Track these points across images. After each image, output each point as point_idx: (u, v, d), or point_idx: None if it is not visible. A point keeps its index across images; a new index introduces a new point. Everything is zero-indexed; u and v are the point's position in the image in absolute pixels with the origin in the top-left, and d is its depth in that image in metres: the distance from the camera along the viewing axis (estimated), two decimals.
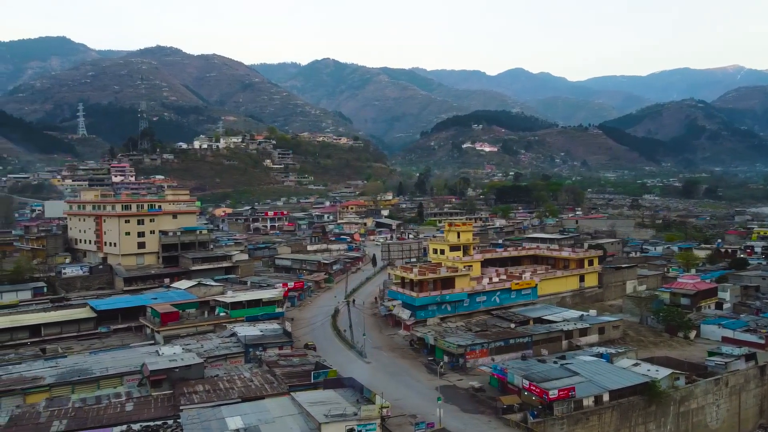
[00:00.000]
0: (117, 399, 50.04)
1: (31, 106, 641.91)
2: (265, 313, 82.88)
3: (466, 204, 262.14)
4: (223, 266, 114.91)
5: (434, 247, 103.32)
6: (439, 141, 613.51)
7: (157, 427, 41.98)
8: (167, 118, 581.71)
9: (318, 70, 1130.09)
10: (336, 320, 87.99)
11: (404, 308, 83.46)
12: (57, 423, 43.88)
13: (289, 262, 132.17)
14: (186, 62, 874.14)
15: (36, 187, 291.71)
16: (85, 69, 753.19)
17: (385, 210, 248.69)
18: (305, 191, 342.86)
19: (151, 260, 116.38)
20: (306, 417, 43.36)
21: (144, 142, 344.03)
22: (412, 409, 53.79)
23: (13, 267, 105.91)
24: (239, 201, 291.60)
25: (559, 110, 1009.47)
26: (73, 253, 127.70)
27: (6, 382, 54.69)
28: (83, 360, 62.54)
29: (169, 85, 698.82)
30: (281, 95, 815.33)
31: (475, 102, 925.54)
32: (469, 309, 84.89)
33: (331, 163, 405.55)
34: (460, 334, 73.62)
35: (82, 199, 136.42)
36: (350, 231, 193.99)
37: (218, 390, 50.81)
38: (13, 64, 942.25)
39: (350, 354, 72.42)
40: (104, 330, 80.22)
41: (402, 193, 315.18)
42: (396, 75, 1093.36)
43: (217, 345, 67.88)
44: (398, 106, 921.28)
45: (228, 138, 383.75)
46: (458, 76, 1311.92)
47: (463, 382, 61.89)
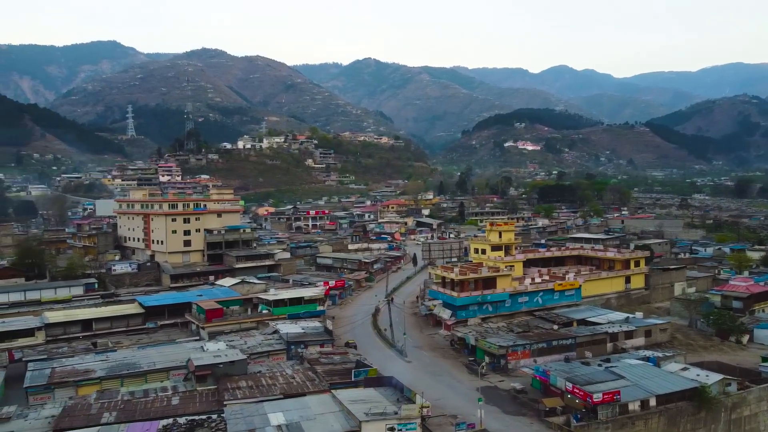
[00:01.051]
0: (163, 393, 51.33)
1: (83, 108, 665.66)
2: (306, 311, 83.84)
3: (508, 203, 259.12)
4: (266, 264, 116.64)
5: (475, 247, 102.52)
6: (480, 140, 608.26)
7: (202, 421, 42.85)
8: (212, 119, 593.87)
9: (359, 70, 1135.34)
10: (376, 319, 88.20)
11: (445, 308, 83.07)
12: (107, 415, 45.31)
13: (330, 261, 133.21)
14: (230, 64, 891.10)
15: (88, 186, 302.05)
16: (134, 72, 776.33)
17: (425, 209, 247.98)
18: (346, 190, 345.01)
19: (197, 258, 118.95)
20: (346, 415, 43.62)
21: (190, 142, 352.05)
22: (452, 410, 53.49)
23: (66, 264, 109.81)
24: (282, 200, 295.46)
25: (604, 108, 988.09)
26: (122, 250, 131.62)
27: (60, 374, 56.80)
28: (132, 354, 64.37)
29: (214, 86, 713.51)
30: (323, 95, 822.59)
31: (518, 100, 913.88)
32: (510, 309, 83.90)
33: (372, 163, 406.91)
34: (502, 334, 72.82)
35: (131, 198, 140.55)
36: (391, 230, 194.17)
37: (261, 386, 51.58)
38: (67, 68, 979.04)
39: (390, 353, 72.48)
40: (152, 325, 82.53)
41: (443, 193, 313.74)
42: (437, 74, 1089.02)
43: (259, 342, 68.94)
44: (439, 105, 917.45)
45: (271, 138, 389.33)
46: (500, 74, 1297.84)
47: (504, 383, 61.22)
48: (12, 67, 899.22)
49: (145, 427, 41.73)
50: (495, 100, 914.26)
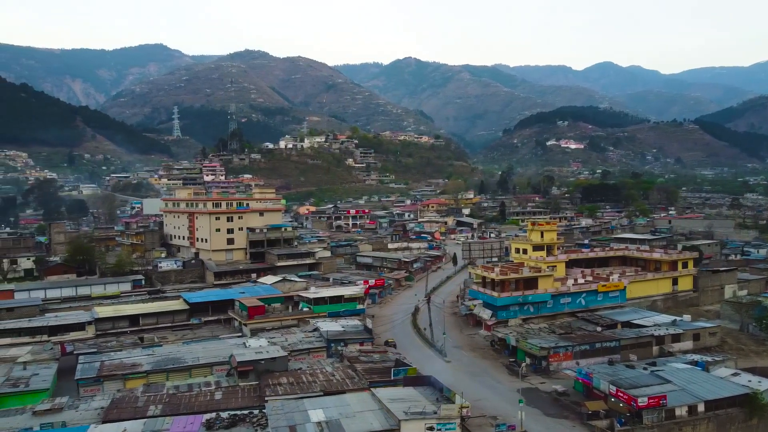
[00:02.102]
0: (207, 387, 52.42)
1: (131, 109, 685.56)
2: (346, 309, 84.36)
3: (551, 203, 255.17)
4: (307, 263, 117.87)
5: (516, 247, 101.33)
6: (522, 138, 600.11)
7: (244, 416, 43.55)
8: (255, 120, 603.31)
9: (400, 69, 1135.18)
10: (416, 318, 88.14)
11: (485, 308, 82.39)
12: (153, 408, 46.55)
13: (370, 260, 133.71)
14: (272, 65, 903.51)
15: (135, 185, 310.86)
16: (180, 74, 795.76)
17: (466, 209, 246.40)
18: (386, 190, 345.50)
19: (240, 256, 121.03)
20: (386, 413, 43.70)
21: (233, 142, 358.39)
22: (492, 411, 53.04)
23: (115, 261, 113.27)
24: (322, 199, 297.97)
25: (650, 105, 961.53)
26: (168, 248, 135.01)
27: (108, 368, 58.66)
28: (177, 349, 65.94)
29: (257, 87, 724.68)
30: (363, 95, 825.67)
31: (561, 98, 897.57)
32: (552, 310, 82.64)
33: (412, 162, 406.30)
34: (543, 335, 71.79)
35: (177, 197, 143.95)
36: (431, 229, 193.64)
37: (301, 383, 52.15)
38: (116, 71, 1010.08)
39: (430, 352, 72.32)
40: (196, 321, 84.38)
41: (483, 192, 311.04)
42: (478, 72, 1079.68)
43: (300, 339, 69.72)
44: (480, 104, 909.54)
45: (312, 138, 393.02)
46: (542, 72, 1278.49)
47: (546, 385, 60.34)
48: (65, 70, 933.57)
49: (189, 420, 42.67)
50: (537, 98, 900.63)
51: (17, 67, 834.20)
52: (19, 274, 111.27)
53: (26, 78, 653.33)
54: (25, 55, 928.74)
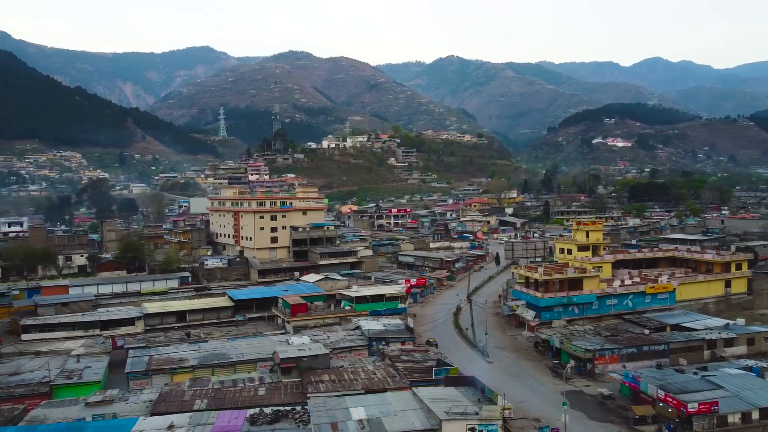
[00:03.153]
0: (251, 383, 53.31)
1: (179, 111, 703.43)
2: (388, 308, 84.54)
3: (597, 202, 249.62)
4: (349, 261, 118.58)
5: (561, 247, 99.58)
6: (567, 136, 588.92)
7: (287, 412, 44.10)
8: (298, 120, 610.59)
9: (442, 67, 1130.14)
10: (458, 318, 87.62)
11: (528, 309, 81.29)
12: (199, 402, 47.63)
13: (411, 259, 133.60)
14: (316, 65, 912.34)
15: (183, 185, 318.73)
16: (226, 75, 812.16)
17: (509, 208, 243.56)
18: (428, 189, 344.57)
19: (283, 254, 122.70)
20: (427, 413, 43.57)
21: (277, 142, 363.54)
22: (535, 413, 52.28)
23: (163, 258, 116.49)
24: (364, 198, 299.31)
25: (702, 101, 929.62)
26: (214, 246, 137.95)
27: (157, 362, 60.33)
28: (222, 345, 67.30)
29: (300, 87, 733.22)
30: (406, 94, 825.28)
31: (607, 95, 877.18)
32: (598, 312, 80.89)
33: (455, 161, 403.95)
34: (589, 337, 70.33)
35: (222, 196, 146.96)
36: (473, 229, 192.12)
37: (343, 380, 52.50)
38: (165, 74, 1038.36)
39: (472, 353, 71.78)
40: (240, 318, 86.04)
41: (527, 191, 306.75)
42: (522, 69, 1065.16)
43: (342, 337, 70.19)
44: (524, 102, 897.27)
45: (354, 137, 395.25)
46: (588, 69, 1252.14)
47: (591, 388, 59.10)
48: (116, 73, 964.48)
49: (233, 415, 43.47)
50: (583, 95, 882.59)
51: (72, 71, 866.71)
52: (73, 271, 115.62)
53: (80, 81, 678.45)
54: (80, 60, 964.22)
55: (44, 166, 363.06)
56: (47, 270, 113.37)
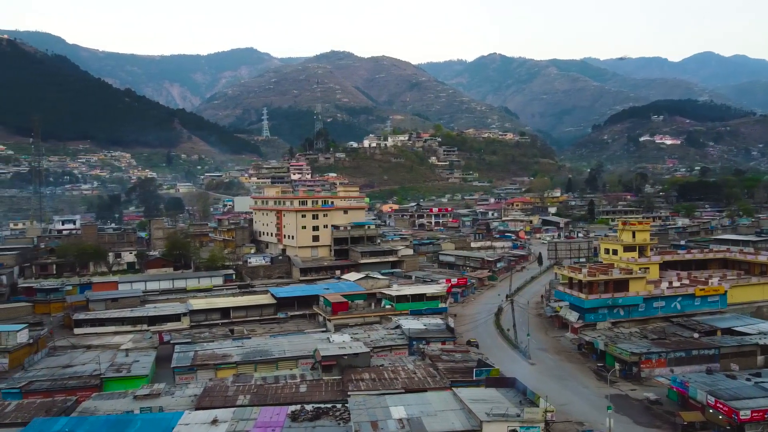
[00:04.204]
0: (292, 380, 53.92)
1: (224, 111, 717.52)
2: (428, 307, 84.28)
3: (643, 201, 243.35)
4: (389, 260, 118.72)
5: (606, 247, 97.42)
6: (612, 134, 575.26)
7: (327, 409, 44.43)
8: (340, 119, 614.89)
9: (484, 65, 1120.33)
10: (499, 319, 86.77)
11: (572, 310, 79.83)
12: (242, 397, 48.44)
13: (452, 259, 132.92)
14: (357, 65, 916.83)
15: (227, 184, 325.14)
16: (269, 76, 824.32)
17: (552, 207, 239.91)
18: (470, 188, 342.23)
19: (324, 253, 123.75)
20: (467, 413, 43.23)
21: (319, 142, 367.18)
22: (578, 416, 51.31)
23: (208, 255, 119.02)
24: (405, 197, 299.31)
25: (757, 96, 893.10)
26: (257, 244, 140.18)
27: (201, 357, 61.68)
28: (264, 342, 68.35)
29: (342, 87, 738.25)
30: (447, 93, 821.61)
31: (655, 91, 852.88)
32: (644, 314, 78.73)
33: (497, 160, 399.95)
34: (635, 340, 68.58)
35: (265, 195, 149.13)
36: (515, 228, 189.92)
37: (383, 379, 52.57)
38: (210, 75, 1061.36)
39: (513, 354, 70.95)
40: (282, 315, 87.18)
41: (571, 190, 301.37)
42: (566, 66, 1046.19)
43: (382, 336, 70.33)
44: (568, 99, 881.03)
45: (395, 136, 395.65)
46: (635, 64, 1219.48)
47: (636, 392, 57.65)
48: (164, 75, 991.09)
49: (275, 411, 44.04)
50: (629, 92, 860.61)
51: (122, 73, 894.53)
52: (122, 267, 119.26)
53: (130, 83, 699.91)
54: (129, 62, 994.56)
55: (96, 166, 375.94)
56: (98, 266, 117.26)
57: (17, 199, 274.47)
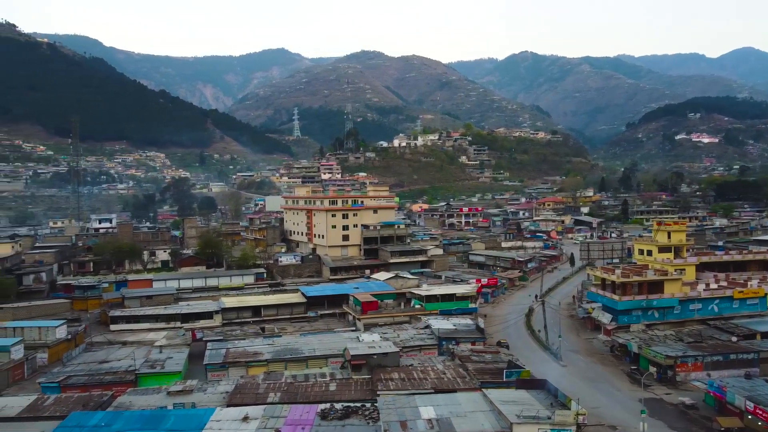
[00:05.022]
0: (322, 378, 54.22)
1: (255, 111, 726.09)
2: (458, 307, 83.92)
3: (679, 201, 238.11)
4: (419, 260, 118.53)
5: (640, 248, 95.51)
6: (647, 132, 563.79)
7: (357, 408, 44.56)
8: (370, 119, 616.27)
9: (515, 64, 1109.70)
10: (530, 320, 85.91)
11: (604, 311, 78.58)
12: (272, 395, 48.94)
13: (482, 259, 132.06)
14: (387, 64, 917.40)
15: (259, 183, 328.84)
16: (300, 76, 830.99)
17: (584, 207, 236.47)
18: (500, 187, 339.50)
19: (354, 252, 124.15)
20: (497, 415, 42.90)
21: (349, 141, 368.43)
22: (611, 420, 50.44)
23: (240, 254, 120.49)
24: (435, 197, 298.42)
25: None
26: (287, 243, 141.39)
27: (233, 355, 62.49)
28: (294, 340, 68.91)
29: (372, 87, 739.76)
30: (478, 91, 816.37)
31: (692, 88, 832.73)
32: (680, 317, 77.05)
33: (528, 159, 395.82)
34: (670, 343, 67.11)
35: (296, 194, 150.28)
36: (547, 228, 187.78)
37: (412, 379, 52.51)
38: (242, 76, 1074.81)
39: (544, 355, 70.13)
40: (312, 314, 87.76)
41: (604, 189, 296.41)
42: (599, 64, 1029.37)
43: (412, 336, 70.26)
44: (601, 97, 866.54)
45: (425, 136, 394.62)
46: (671, 61, 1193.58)
47: (671, 396, 56.42)
48: (197, 77, 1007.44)
49: (305, 409, 44.37)
50: (665, 89, 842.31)
51: (157, 75, 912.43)
52: (156, 265, 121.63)
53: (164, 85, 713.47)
54: (164, 64, 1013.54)
55: (131, 165, 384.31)
56: (133, 264, 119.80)
57: (57, 199, 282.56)
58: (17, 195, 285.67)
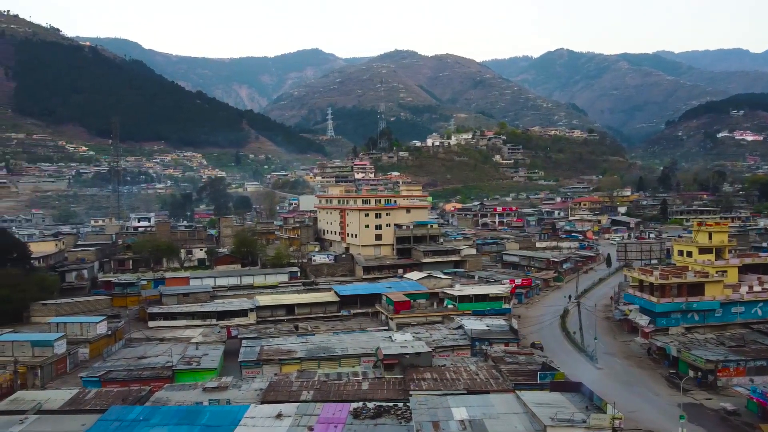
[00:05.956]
0: (355, 377, 54.42)
1: (290, 112, 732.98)
2: (491, 308, 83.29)
3: (721, 201, 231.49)
4: (452, 260, 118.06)
5: (680, 249, 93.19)
6: (688, 130, 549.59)
7: (389, 407, 44.59)
8: (403, 118, 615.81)
9: (551, 61, 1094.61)
10: (565, 321, 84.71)
11: (642, 314, 76.97)
12: (305, 393, 49.36)
13: (516, 259, 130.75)
14: (421, 63, 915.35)
15: (293, 183, 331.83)
16: (334, 76, 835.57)
17: (621, 207, 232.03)
18: (535, 187, 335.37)
19: (387, 251, 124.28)
20: (531, 417, 42.41)
21: (382, 141, 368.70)
22: (648, 425, 49.38)
23: (274, 253, 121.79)
24: (468, 196, 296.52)
25: None
26: (321, 242, 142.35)
27: (267, 353, 63.20)
28: (328, 339, 69.31)
29: (405, 86, 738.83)
30: (512, 90, 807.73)
31: (735, 85, 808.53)
32: (721, 320, 75.01)
33: (563, 158, 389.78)
34: (710, 347, 65.31)
35: (329, 194, 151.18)
36: (582, 228, 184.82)
37: (445, 379, 52.32)
38: (277, 76, 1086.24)
39: (579, 357, 69.09)
40: (345, 313, 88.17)
41: (642, 189, 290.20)
42: (637, 60, 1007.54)
43: (444, 336, 70.00)
44: (639, 95, 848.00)
45: (459, 135, 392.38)
46: (713, 57, 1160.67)
47: (712, 402, 54.93)
48: (233, 78, 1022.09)
49: (338, 407, 44.61)
50: (706, 86, 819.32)
51: (194, 76, 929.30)
52: (193, 264, 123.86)
53: (201, 86, 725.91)
54: (201, 65, 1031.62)
55: (169, 165, 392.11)
56: (171, 262, 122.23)
57: (98, 198, 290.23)
58: (61, 194, 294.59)
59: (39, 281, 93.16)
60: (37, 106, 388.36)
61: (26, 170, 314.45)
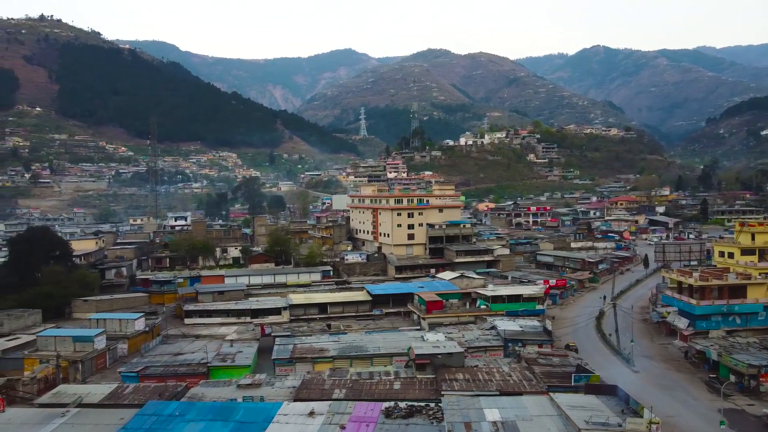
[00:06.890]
0: (386, 377, 54.48)
1: (323, 112, 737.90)
2: (525, 309, 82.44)
3: (765, 201, 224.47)
4: (485, 260, 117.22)
5: (721, 250, 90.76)
6: (730, 128, 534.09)
7: (421, 407, 44.49)
8: (436, 117, 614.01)
9: (587, 58, 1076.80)
10: (600, 323, 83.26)
11: (681, 316, 75.12)
12: (337, 391, 49.63)
13: (551, 259, 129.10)
14: (454, 62, 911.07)
15: (326, 182, 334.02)
16: (367, 76, 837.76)
17: (660, 206, 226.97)
18: (570, 186, 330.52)
19: (419, 251, 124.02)
20: (565, 420, 41.82)
21: (415, 140, 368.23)
22: (686, 430, 48.18)
23: (307, 252, 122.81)
24: (502, 196, 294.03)
25: None
26: (353, 241, 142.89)
27: (300, 351, 63.78)
28: (360, 338, 69.54)
29: (438, 85, 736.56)
30: (547, 88, 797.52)
31: None
32: (765, 324, 72.66)
33: (599, 156, 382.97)
34: (753, 351, 63.34)
35: (362, 193, 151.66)
36: (619, 228, 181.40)
37: (477, 380, 51.97)
38: (310, 77, 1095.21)
39: (615, 360, 67.76)
40: (377, 312, 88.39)
41: (681, 188, 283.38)
42: (677, 57, 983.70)
43: (477, 336, 69.54)
44: (679, 92, 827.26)
45: (492, 134, 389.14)
46: (757, 52, 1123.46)
47: (755, 408, 53.27)
48: (267, 78, 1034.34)
49: (369, 406, 44.72)
50: (750, 82, 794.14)
51: (229, 77, 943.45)
52: (228, 262, 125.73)
53: (236, 87, 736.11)
54: (236, 67, 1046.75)
55: (205, 165, 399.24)
56: (206, 261, 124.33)
57: (136, 197, 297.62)
58: (101, 194, 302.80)
59: (80, 278, 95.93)
60: (79, 107, 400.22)
61: (69, 170, 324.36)
